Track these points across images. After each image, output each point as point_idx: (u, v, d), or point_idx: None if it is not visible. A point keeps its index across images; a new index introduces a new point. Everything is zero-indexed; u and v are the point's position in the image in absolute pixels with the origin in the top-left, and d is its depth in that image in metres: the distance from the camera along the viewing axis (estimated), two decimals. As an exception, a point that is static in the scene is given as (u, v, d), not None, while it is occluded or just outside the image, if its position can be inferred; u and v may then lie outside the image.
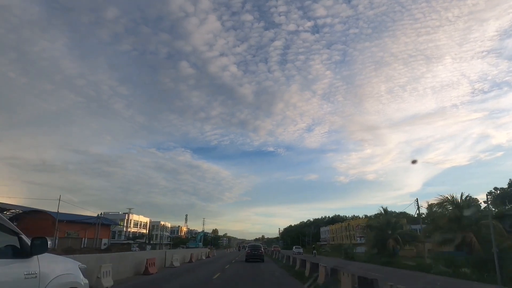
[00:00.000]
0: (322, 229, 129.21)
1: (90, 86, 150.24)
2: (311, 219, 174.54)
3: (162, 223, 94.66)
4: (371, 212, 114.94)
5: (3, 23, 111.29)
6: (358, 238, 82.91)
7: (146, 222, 78.92)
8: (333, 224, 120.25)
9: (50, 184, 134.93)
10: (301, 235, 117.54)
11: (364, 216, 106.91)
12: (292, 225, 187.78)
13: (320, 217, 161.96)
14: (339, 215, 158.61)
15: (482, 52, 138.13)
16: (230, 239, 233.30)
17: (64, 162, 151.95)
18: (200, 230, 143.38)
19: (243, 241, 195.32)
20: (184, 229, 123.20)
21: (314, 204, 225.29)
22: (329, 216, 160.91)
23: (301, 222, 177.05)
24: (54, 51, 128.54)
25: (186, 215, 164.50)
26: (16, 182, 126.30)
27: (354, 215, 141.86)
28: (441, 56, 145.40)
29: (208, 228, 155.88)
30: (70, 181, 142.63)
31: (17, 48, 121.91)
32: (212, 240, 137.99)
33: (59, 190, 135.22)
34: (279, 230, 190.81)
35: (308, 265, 16.76)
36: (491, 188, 62.33)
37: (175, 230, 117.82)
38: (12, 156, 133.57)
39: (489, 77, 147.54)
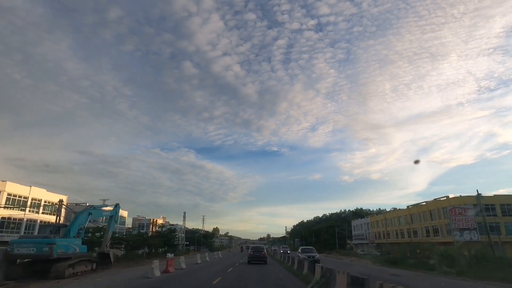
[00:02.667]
0: (354, 222, 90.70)
1: (94, 87, 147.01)
2: (327, 214, 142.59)
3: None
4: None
5: (7, 25, 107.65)
6: (458, 233, 43.75)
7: (49, 202, 40.77)
8: (380, 214, 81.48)
9: (56, 185, 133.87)
10: (338, 229, 78.38)
11: (392, 209, 77.21)
12: (305, 220, 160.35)
13: (338, 211, 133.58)
14: (361, 208, 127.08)
15: (488, 49, 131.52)
16: (232, 238, 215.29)
17: (70, 163, 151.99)
18: (201, 230, 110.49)
19: (246, 241, 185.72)
20: (160, 222, 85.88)
21: (318, 204, 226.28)
22: (350, 210, 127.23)
23: (315, 217, 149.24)
24: (58, 52, 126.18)
25: (184, 213, 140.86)
26: (22, 183, 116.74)
27: (379, 208, 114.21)
28: (446, 53, 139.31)
29: (209, 228, 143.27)
30: (76, 181, 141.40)
31: (21, 50, 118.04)
32: (201, 238, 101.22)
33: (65, 190, 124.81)
34: (286, 229, 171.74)
35: None
36: (497, 187, 47.44)
37: (144, 224, 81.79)
38: (18, 157, 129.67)
39: (496, 75, 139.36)
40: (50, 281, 14.54)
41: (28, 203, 37.63)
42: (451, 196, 50.01)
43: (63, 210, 35.94)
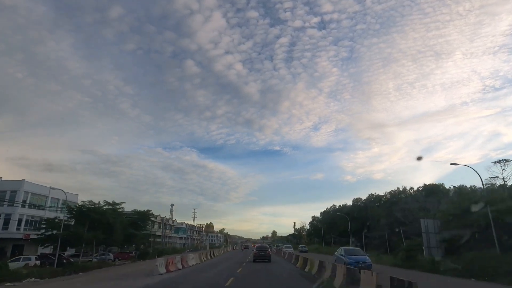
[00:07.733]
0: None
1: (96, 86, 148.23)
2: (362, 198, 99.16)
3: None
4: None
5: (9, 23, 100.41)
6: None
7: None
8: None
9: (58, 184, 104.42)
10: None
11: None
12: (329, 207, 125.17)
13: (362, 197, 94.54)
14: (412, 188, 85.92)
15: (494, 47, 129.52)
16: (228, 236, 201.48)
17: (72, 162, 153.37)
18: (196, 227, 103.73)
19: (247, 240, 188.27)
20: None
21: (320, 204, 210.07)
22: (392, 191, 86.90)
23: (345, 204, 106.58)
24: (61, 51, 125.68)
25: (172, 205, 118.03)
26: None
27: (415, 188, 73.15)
28: (451, 52, 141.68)
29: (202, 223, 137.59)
30: (79, 181, 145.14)
31: (24, 49, 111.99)
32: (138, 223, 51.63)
33: (67, 190, 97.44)
34: (294, 225, 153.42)
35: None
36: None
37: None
38: (21, 157, 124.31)
39: (501, 73, 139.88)
40: None
41: None
42: None
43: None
